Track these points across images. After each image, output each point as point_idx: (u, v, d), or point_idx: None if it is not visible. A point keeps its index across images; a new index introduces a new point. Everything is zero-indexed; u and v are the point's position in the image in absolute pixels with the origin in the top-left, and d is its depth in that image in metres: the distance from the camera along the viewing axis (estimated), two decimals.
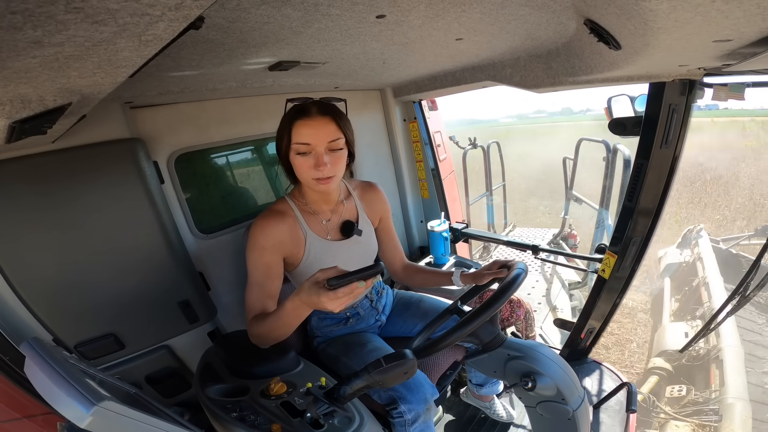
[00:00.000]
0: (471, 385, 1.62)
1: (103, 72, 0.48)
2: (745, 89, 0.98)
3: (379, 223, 1.34)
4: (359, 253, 1.25)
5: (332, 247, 1.18)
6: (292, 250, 1.12)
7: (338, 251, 1.19)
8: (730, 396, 3.06)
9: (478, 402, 1.67)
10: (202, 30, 0.65)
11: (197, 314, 1.48)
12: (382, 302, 1.41)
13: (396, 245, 1.40)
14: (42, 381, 0.62)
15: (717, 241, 5.44)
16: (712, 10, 0.48)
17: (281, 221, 1.09)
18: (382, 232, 1.36)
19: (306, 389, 0.96)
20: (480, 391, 1.59)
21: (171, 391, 1.54)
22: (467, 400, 1.72)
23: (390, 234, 1.38)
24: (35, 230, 1.14)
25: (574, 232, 4.30)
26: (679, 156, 1.26)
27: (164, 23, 0.40)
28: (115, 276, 1.29)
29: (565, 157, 4.13)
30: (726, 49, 0.71)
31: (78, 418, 0.57)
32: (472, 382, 1.60)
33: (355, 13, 0.73)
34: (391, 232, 1.39)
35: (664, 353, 3.75)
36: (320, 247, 1.16)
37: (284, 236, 1.09)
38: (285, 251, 1.10)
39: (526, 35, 1.03)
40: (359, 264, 1.24)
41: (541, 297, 3.29)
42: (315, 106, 1.01)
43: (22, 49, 0.33)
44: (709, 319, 1.56)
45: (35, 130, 0.61)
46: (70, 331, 1.26)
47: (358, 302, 1.33)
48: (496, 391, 1.60)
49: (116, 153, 1.24)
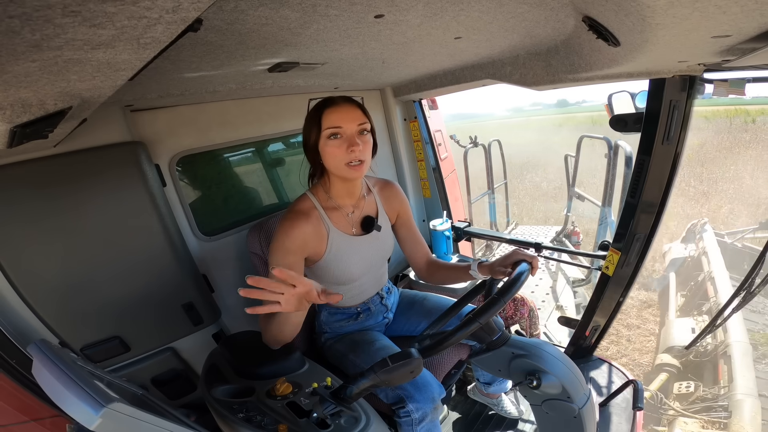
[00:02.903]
0: (479, 383, 1.61)
1: (102, 75, 0.49)
2: (745, 84, 0.97)
3: (397, 219, 1.35)
4: (376, 249, 1.26)
5: (353, 242, 1.20)
6: (315, 248, 1.14)
7: (358, 246, 1.21)
8: (739, 392, 3.04)
9: (486, 399, 1.67)
10: (200, 32, 0.65)
11: (201, 316, 1.49)
12: (390, 300, 1.42)
13: (418, 239, 1.39)
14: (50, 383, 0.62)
15: (722, 234, 5.40)
16: (709, 5, 0.48)
17: (306, 221, 1.10)
18: (403, 228, 1.37)
19: (312, 389, 0.96)
20: (488, 389, 1.59)
21: (177, 392, 1.55)
22: (474, 397, 1.71)
23: (411, 228, 1.38)
24: (39, 234, 1.14)
25: (577, 229, 4.28)
26: (681, 152, 1.26)
27: (162, 26, 0.40)
28: (119, 279, 1.29)
29: (567, 154, 4.12)
30: (725, 44, 0.71)
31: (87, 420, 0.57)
32: (480, 381, 1.60)
33: (354, 14, 0.73)
34: (412, 227, 1.39)
35: (671, 349, 3.73)
36: (342, 242, 1.18)
37: (309, 236, 1.11)
38: (308, 251, 1.12)
39: (525, 33, 1.03)
40: (376, 259, 1.27)
41: (545, 295, 3.28)
42: (341, 97, 1.08)
43: (21, 53, 0.33)
44: (715, 314, 1.54)
45: (36, 135, 0.62)
46: (76, 334, 1.27)
47: (369, 299, 1.34)
48: (505, 389, 1.60)
49: (118, 156, 1.24)
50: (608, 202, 3.24)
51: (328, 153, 1.07)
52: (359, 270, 1.22)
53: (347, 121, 1.04)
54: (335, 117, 1.04)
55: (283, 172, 1.98)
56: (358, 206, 1.24)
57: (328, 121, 1.04)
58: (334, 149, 1.05)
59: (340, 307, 1.32)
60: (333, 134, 1.05)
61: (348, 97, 1.09)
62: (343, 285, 1.24)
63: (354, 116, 1.06)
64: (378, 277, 1.34)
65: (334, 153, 1.06)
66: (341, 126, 1.04)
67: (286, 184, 1.98)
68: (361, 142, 1.06)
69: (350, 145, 1.04)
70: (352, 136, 1.05)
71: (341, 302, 1.29)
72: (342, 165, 1.06)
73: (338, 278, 1.20)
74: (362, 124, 1.07)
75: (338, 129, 1.04)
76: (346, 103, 1.07)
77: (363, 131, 1.07)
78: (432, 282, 1.43)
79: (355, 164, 1.06)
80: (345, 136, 1.05)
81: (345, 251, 1.18)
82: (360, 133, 1.07)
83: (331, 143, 1.05)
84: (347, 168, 1.06)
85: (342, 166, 1.06)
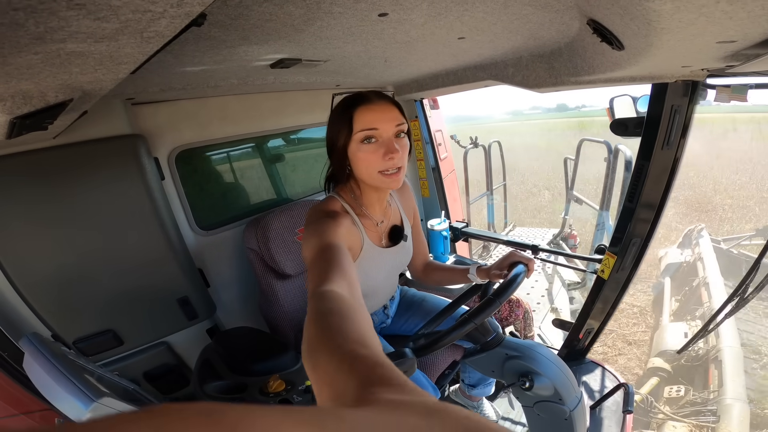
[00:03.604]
0: (463, 384, 1.62)
1: (104, 68, 0.48)
2: (747, 91, 0.97)
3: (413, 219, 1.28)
4: (400, 260, 1.16)
5: (382, 254, 1.09)
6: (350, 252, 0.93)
7: (386, 258, 1.10)
8: (728, 397, 3.06)
9: (466, 401, 1.68)
10: (204, 27, 0.64)
11: (196, 311, 1.49)
12: (392, 307, 1.40)
13: (422, 242, 1.32)
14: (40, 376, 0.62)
15: (718, 241, 5.44)
16: (716, 11, 0.48)
17: (346, 219, 0.95)
18: (413, 231, 1.28)
19: (305, 387, 0.97)
20: (471, 392, 1.59)
21: (169, 387, 1.55)
22: (455, 398, 1.72)
23: (417, 228, 1.29)
24: (35, 226, 1.14)
25: (574, 232, 4.30)
26: (680, 157, 1.26)
27: (166, 20, 0.40)
28: (114, 272, 1.29)
29: (567, 157, 4.13)
30: (730, 50, 0.71)
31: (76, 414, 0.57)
32: (464, 382, 1.60)
33: (358, 11, 0.73)
34: (418, 226, 1.30)
35: (663, 353, 3.76)
36: (372, 254, 1.06)
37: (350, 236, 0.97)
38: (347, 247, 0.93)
39: (529, 35, 1.03)
40: (396, 270, 1.15)
41: (540, 297, 3.29)
42: (374, 93, 0.93)
43: (24, 45, 0.33)
44: (708, 319, 1.56)
45: (36, 126, 0.61)
46: (69, 326, 1.26)
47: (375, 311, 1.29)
48: (487, 393, 1.60)
49: (117, 149, 1.24)
50: (606, 206, 3.25)
51: (360, 159, 0.92)
52: (380, 284, 1.15)
53: (384, 121, 0.89)
54: (370, 117, 0.89)
55: (283, 168, 1.98)
56: (386, 216, 1.11)
57: (363, 122, 0.89)
58: (369, 155, 0.90)
59: None
60: (368, 137, 0.90)
61: (382, 93, 0.94)
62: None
63: (392, 116, 0.91)
64: (392, 288, 1.28)
65: (369, 159, 0.91)
66: (377, 128, 0.89)
67: (285, 180, 1.98)
68: (400, 146, 0.91)
69: (388, 151, 0.89)
70: (390, 140, 0.90)
71: None
72: (376, 174, 0.92)
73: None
74: (400, 125, 0.92)
75: (374, 131, 0.89)
76: (381, 100, 0.92)
77: (400, 133, 0.93)
78: (427, 283, 1.38)
79: (392, 172, 0.92)
80: (381, 139, 0.90)
81: (373, 264, 1.08)
82: (397, 136, 0.92)
83: (365, 148, 0.90)
84: (382, 177, 0.92)
85: (376, 175, 0.92)
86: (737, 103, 1.04)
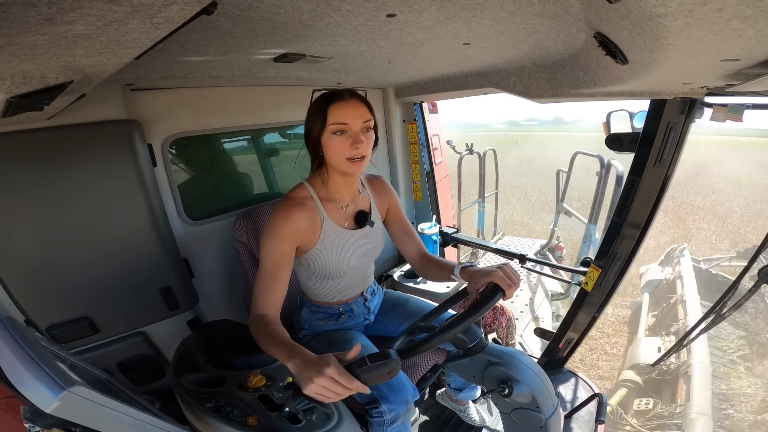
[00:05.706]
0: (449, 389, 1.63)
1: (109, 52, 0.47)
2: (744, 111, 0.98)
3: (388, 212, 1.35)
4: (367, 246, 1.27)
5: (345, 235, 1.21)
6: (308, 237, 1.14)
7: (350, 240, 1.22)
8: (693, 411, 3.14)
9: (453, 405, 1.69)
10: (213, 16, 0.64)
11: (178, 301, 1.46)
12: (374, 302, 1.41)
13: (409, 231, 1.38)
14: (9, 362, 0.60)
15: (698, 261, 5.59)
16: (726, 28, 0.48)
17: (301, 209, 1.11)
18: (395, 221, 1.36)
19: (286, 383, 0.96)
20: (457, 395, 1.61)
21: (143, 378, 1.51)
22: (442, 401, 1.74)
23: (402, 222, 1.37)
24: (20, 206, 1.11)
25: (562, 244, 4.36)
26: (672, 175, 1.27)
27: (178, 6, 0.39)
28: (96, 257, 1.26)
29: (559, 169, 4.18)
30: (732, 68, 0.71)
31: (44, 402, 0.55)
32: (450, 386, 1.62)
33: (366, 11, 0.73)
34: (404, 220, 1.38)
35: (635, 366, 3.85)
36: (334, 234, 1.18)
37: (304, 223, 1.12)
38: (302, 239, 1.13)
39: (534, 44, 1.04)
40: (365, 256, 1.27)
41: (524, 306, 3.33)
42: (347, 92, 1.08)
43: (33, 25, 0.32)
44: (683, 335, 1.60)
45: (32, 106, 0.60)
46: (44, 312, 1.23)
47: (353, 299, 1.34)
48: (473, 396, 1.62)
49: (111, 133, 1.21)
50: (594, 219, 3.30)
51: (331, 147, 1.07)
52: (348, 265, 1.22)
53: (353, 117, 1.05)
54: (342, 113, 1.04)
55: (277, 163, 1.96)
56: (354, 201, 1.24)
57: (335, 116, 1.04)
58: (338, 144, 1.06)
59: (322, 305, 1.31)
60: (339, 130, 1.05)
61: (354, 92, 1.09)
62: (330, 280, 1.23)
63: (360, 113, 1.06)
64: (364, 277, 1.34)
65: (338, 147, 1.06)
66: (347, 123, 1.04)
67: (279, 174, 1.96)
68: (365, 138, 1.07)
69: (355, 141, 1.05)
70: (357, 133, 1.05)
71: (325, 299, 1.29)
72: (343, 159, 1.07)
73: (326, 271, 1.19)
74: (367, 121, 1.07)
75: (344, 126, 1.04)
76: (352, 98, 1.07)
77: (367, 128, 1.08)
78: (425, 277, 1.43)
79: (357, 160, 1.07)
80: (350, 132, 1.05)
81: (336, 243, 1.19)
82: (365, 130, 1.07)
83: (335, 138, 1.06)
84: (348, 163, 1.07)
85: (343, 161, 1.07)
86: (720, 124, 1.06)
